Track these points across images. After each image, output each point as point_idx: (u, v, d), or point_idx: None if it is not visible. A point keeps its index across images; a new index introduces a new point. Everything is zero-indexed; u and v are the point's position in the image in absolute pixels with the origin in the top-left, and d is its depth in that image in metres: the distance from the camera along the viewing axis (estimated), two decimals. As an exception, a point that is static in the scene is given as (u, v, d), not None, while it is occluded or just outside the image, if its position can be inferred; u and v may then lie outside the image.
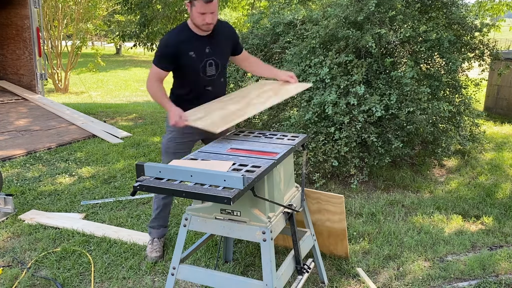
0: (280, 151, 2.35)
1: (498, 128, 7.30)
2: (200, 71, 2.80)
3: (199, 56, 2.76)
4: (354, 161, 4.31)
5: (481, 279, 2.86)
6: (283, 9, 5.85)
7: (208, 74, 2.83)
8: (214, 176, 1.93)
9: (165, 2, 8.50)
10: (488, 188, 4.47)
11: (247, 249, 3.21)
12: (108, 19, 17.90)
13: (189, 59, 2.75)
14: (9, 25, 8.47)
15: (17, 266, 3.04)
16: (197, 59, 2.76)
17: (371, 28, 4.27)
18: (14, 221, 3.71)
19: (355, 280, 2.88)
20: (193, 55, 2.74)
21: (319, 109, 4.30)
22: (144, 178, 2.07)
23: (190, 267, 2.39)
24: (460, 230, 3.58)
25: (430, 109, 4.37)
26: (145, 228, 3.60)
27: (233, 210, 2.23)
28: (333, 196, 2.80)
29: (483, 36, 5.11)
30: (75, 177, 4.79)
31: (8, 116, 7.01)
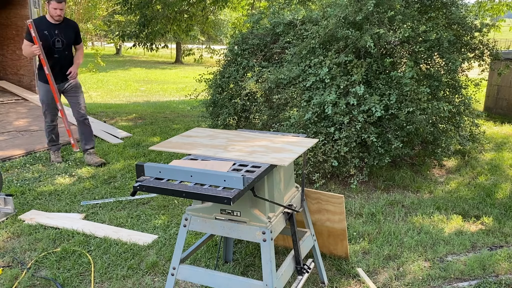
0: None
1: (498, 128, 7.31)
2: (50, 43, 4.71)
3: (50, 34, 4.71)
4: (354, 161, 4.31)
5: (481, 279, 2.86)
6: (283, 9, 5.85)
7: (56, 46, 4.76)
8: (214, 176, 1.93)
9: (165, 2, 8.50)
10: (488, 188, 4.47)
11: (247, 249, 3.21)
12: (108, 19, 17.92)
13: (44, 36, 4.67)
14: (9, 25, 8.48)
15: (17, 266, 3.04)
16: (49, 35, 4.70)
17: (370, 28, 4.27)
18: (14, 221, 3.71)
19: (355, 280, 2.88)
20: (46, 33, 4.69)
21: (319, 109, 4.30)
22: (144, 178, 2.07)
23: (190, 267, 2.39)
24: (460, 230, 3.58)
25: (430, 109, 4.37)
26: (145, 228, 3.60)
27: (233, 210, 2.23)
28: (333, 196, 2.80)
29: (483, 36, 5.11)
30: (75, 177, 4.79)
31: (8, 116, 7.01)
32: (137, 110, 9.21)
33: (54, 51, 4.74)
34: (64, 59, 4.86)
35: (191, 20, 9.76)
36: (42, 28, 4.64)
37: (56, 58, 4.78)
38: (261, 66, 5.23)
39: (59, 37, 4.74)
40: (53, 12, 4.64)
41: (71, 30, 4.89)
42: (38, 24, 4.64)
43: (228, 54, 5.72)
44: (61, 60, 4.82)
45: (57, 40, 4.73)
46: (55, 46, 4.73)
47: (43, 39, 4.61)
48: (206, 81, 6.00)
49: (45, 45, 4.63)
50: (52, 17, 4.69)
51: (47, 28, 4.68)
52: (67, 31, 4.83)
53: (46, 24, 4.70)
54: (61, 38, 4.76)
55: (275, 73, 4.66)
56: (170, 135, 6.62)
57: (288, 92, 4.62)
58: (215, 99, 5.67)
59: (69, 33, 4.86)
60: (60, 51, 4.79)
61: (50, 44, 4.69)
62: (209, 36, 25.64)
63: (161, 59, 31.09)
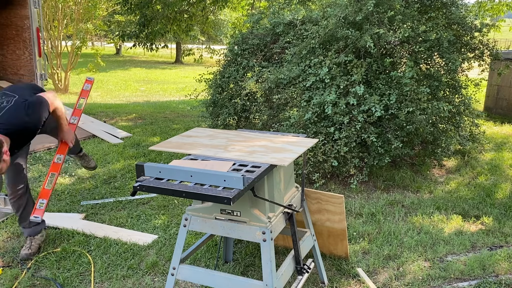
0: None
1: (498, 128, 7.31)
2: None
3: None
4: (354, 161, 4.31)
5: (481, 279, 2.86)
6: (283, 9, 5.86)
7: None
8: (214, 176, 1.93)
9: (165, 2, 8.50)
10: (488, 188, 4.47)
11: (247, 249, 3.21)
12: (108, 19, 17.92)
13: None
14: (9, 25, 8.47)
15: (17, 266, 3.04)
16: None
17: (370, 28, 4.27)
18: (14, 221, 3.71)
19: (355, 280, 2.88)
20: None
21: (319, 109, 4.30)
22: (144, 178, 2.07)
23: (190, 267, 2.39)
24: (460, 230, 3.58)
25: (430, 109, 4.37)
26: (145, 228, 3.60)
27: (233, 210, 2.23)
28: (333, 196, 2.80)
29: (483, 36, 5.11)
30: (75, 177, 4.79)
31: (8, 116, 6.99)
32: (137, 110, 9.21)
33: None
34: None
35: (191, 20, 9.76)
36: None
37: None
38: (261, 66, 5.23)
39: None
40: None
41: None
42: None
43: (228, 54, 5.72)
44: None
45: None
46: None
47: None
48: (206, 81, 6.00)
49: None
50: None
51: None
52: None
53: None
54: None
55: (275, 73, 4.66)
56: (170, 135, 6.62)
57: (288, 92, 4.62)
58: (215, 99, 5.67)
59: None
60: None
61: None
62: (209, 36, 25.64)
63: (161, 59, 31.08)
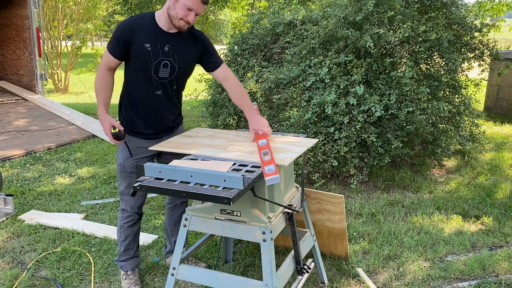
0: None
1: (498, 128, 7.31)
2: (152, 69, 2.43)
3: (155, 52, 2.40)
4: (354, 161, 4.31)
5: (481, 279, 2.86)
6: (283, 9, 5.86)
7: (159, 75, 2.46)
8: (214, 176, 1.93)
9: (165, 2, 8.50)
10: (488, 188, 4.47)
11: (247, 249, 3.21)
12: (108, 19, 17.91)
13: (142, 52, 2.38)
14: (9, 25, 8.47)
15: (17, 266, 3.04)
16: (152, 54, 2.39)
17: (370, 28, 4.27)
18: (14, 221, 3.71)
19: (355, 280, 2.87)
20: (149, 47, 2.38)
21: (319, 109, 4.30)
22: (144, 178, 2.07)
23: (190, 267, 2.38)
24: (460, 230, 3.58)
25: (430, 109, 4.37)
26: (145, 228, 3.60)
27: (233, 210, 2.23)
28: (333, 196, 2.80)
29: (483, 36, 5.11)
30: (75, 177, 4.79)
31: (8, 116, 7.01)
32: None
33: (154, 83, 2.49)
34: (168, 99, 2.58)
35: (191, 20, 9.75)
36: (144, 37, 2.39)
37: (157, 97, 2.53)
38: (261, 66, 5.23)
39: (169, 58, 2.45)
40: (181, 13, 2.34)
41: (194, 47, 2.54)
42: (138, 26, 2.41)
43: (228, 54, 5.72)
44: (163, 99, 2.56)
45: (163, 64, 2.45)
46: (158, 74, 2.46)
47: (140, 57, 2.42)
48: (206, 81, 6.00)
49: (140, 73, 2.47)
50: (172, 19, 2.38)
51: (152, 37, 2.41)
52: (186, 48, 2.51)
53: (153, 30, 2.42)
54: (172, 60, 2.46)
55: (275, 73, 4.66)
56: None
57: (288, 92, 4.62)
58: (215, 99, 5.67)
59: (189, 52, 2.53)
60: (165, 85, 2.52)
61: (151, 69, 2.44)
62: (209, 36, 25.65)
63: (161, 59, 31.05)
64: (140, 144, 2.58)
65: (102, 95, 2.53)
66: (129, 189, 2.64)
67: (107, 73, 2.51)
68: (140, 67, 2.44)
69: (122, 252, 2.79)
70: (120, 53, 2.42)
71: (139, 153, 2.59)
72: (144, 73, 2.44)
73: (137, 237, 2.82)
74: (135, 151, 2.58)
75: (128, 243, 2.77)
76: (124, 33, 2.38)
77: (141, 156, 2.59)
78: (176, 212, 2.92)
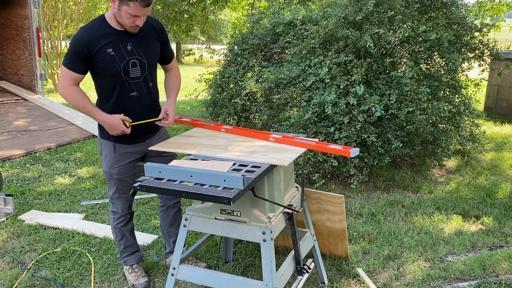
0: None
1: (498, 128, 7.30)
2: (122, 72, 2.39)
3: (119, 54, 2.36)
4: (354, 161, 4.31)
5: (481, 279, 2.86)
6: (283, 9, 5.85)
7: (131, 76, 2.42)
8: (214, 176, 1.93)
9: (165, 2, 8.51)
10: (488, 188, 4.47)
11: (247, 249, 3.21)
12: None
13: (106, 58, 2.34)
14: (9, 25, 8.47)
15: (17, 266, 3.04)
16: (117, 57, 2.36)
17: (370, 28, 4.27)
18: (14, 221, 3.71)
19: (355, 280, 2.87)
20: (112, 52, 2.34)
21: (319, 109, 4.30)
22: (144, 178, 2.07)
23: (190, 267, 2.38)
24: (460, 230, 3.58)
25: (430, 109, 4.37)
26: (145, 228, 3.60)
27: (233, 210, 2.23)
28: (333, 196, 2.79)
29: (483, 36, 5.11)
30: (74, 177, 4.79)
31: (8, 116, 7.01)
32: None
33: (128, 85, 2.46)
34: (147, 97, 2.55)
35: (191, 20, 9.77)
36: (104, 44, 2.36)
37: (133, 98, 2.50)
38: (261, 66, 5.23)
39: (136, 56, 2.44)
40: (128, 21, 2.32)
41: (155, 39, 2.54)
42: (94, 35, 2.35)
43: (228, 54, 5.72)
44: (140, 99, 2.52)
45: (132, 64, 2.43)
46: (129, 75, 2.44)
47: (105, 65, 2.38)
48: (206, 81, 6.00)
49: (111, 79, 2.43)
50: (123, 26, 2.36)
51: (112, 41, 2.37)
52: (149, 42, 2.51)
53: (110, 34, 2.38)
54: (139, 58, 2.45)
55: (275, 73, 4.66)
56: (170, 135, 6.61)
57: (288, 92, 4.61)
58: (215, 99, 5.67)
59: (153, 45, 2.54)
60: (139, 84, 2.49)
61: (121, 72, 2.41)
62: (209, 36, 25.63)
63: (161, 59, 31.04)
64: (125, 150, 2.55)
65: (87, 104, 2.42)
66: (117, 194, 2.69)
67: (75, 87, 2.41)
68: (108, 73, 2.39)
69: (123, 249, 2.84)
70: (83, 68, 2.36)
71: (123, 158, 2.56)
72: (114, 78, 2.40)
73: (133, 233, 2.87)
74: (121, 157, 2.56)
75: (126, 240, 2.83)
76: (82, 47, 2.31)
77: (126, 162, 2.57)
78: (170, 213, 2.93)
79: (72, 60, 2.35)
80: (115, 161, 2.56)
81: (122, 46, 2.37)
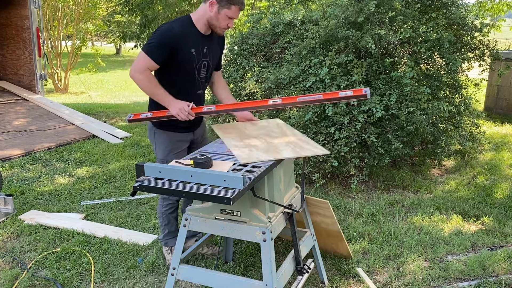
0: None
1: (498, 128, 7.31)
2: (196, 71, 2.64)
3: (198, 55, 2.59)
4: (354, 161, 4.31)
5: (481, 279, 2.86)
6: (283, 9, 5.85)
7: (200, 75, 2.69)
8: (214, 176, 1.93)
9: (166, 2, 8.51)
10: (488, 188, 4.47)
11: (247, 249, 3.21)
12: (108, 19, 17.90)
13: (188, 57, 2.55)
14: (9, 25, 8.47)
15: (17, 266, 3.04)
16: (196, 58, 2.59)
17: (371, 28, 4.27)
18: (14, 221, 3.71)
19: (355, 280, 2.87)
20: (194, 52, 2.56)
21: (319, 109, 4.30)
22: (144, 178, 2.07)
23: (190, 267, 2.38)
24: (460, 230, 3.58)
25: (430, 109, 4.37)
26: (145, 228, 3.60)
27: (233, 210, 2.23)
28: (319, 201, 2.79)
29: (483, 36, 5.11)
30: (74, 177, 4.79)
31: (8, 116, 7.01)
32: (137, 110, 9.20)
33: (196, 83, 2.71)
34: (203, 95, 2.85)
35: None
36: (190, 43, 2.56)
37: (197, 95, 2.74)
38: (261, 66, 5.23)
39: (207, 59, 2.67)
40: (223, 23, 2.55)
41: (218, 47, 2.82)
42: (184, 32, 2.54)
43: (228, 54, 5.72)
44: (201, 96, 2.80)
45: (203, 65, 2.66)
46: (199, 75, 2.68)
47: (185, 62, 2.58)
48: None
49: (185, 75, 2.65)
50: (214, 27, 2.59)
51: (196, 42, 2.59)
52: (216, 48, 2.78)
53: (195, 35, 2.59)
54: (208, 61, 2.69)
55: (275, 73, 4.66)
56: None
57: (288, 92, 4.61)
58: (215, 99, 5.66)
59: (217, 52, 2.82)
60: (203, 84, 2.78)
61: (195, 71, 2.64)
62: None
63: (161, 59, 31.04)
64: (177, 137, 2.76)
65: (159, 88, 2.56)
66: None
67: (148, 73, 2.54)
68: (185, 71, 2.60)
69: (167, 233, 3.01)
70: (163, 60, 2.51)
71: (177, 146, 2.77)
72: (188, 75, 2.63)
73: (176, 220, 3.04)
74: (175, 145, 2.77)
75: (171, 225, 3.00)
76: (170, 40, 2.47)
77: (179, 150, 2.78)
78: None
79: (155, 49, 2.48)
80: (171, 148, 2.75)
81: (201, 48, 2.60)
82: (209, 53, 2.66)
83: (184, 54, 2.52)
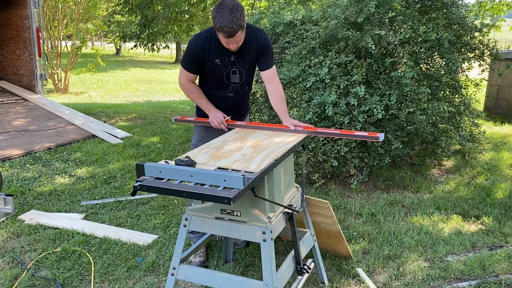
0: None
1: (498, 128, 7.31)
2: (224, 77, 2.91)
3: (224, 64, 2.86)
4: (354, 161, 4.31)
5: (481, 279, 2.86)
6: (283, 9, 5.85)
7: (231, 80, 2.94)
8: (214, 176, 1.93)
9: (166, 2, 8.50)
10: (488, 188, 4.47)
11: (247, 249, 3.21)
12: (108, 19, 17.92)
13: (214, 67, 2.84)
14: (9, 25, 8.47)
15: (17, 266, 3.04)
16: (222, 67, 2.86)
17: (371, 29, 4.27)
18: (14, 221, 3.71)
19: (355, 280, 2.87)
20: (218, 62, 2.83)
21: (319, 109, 4.30)
22: (144, 178, 2.06)
23: (190, 267, 2.38)
24: (460, 230, 3.58)
25: (430, 109, 4.37)
26: (145, 228, 3.60)
27: (233, 210, 2.23)
28: (319, 201, 2.79)
29: (483, 36, 5.11)
30: (74, 177, 4.79)
31: (8, 116, 7.01)
32: (137, 110, 9.21)
33: (227, 87, 2.97)
34: (239, 98, 3.06)
35: (192, 20, 9.77)
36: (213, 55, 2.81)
37: (228, 98, 3.01)
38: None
39: (236, 66, 2.90)
40: (224, 44, 2.73)
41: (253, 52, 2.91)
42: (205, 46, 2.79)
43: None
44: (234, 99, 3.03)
45: (233, 71, 2.92)
46: (230, 80, 2.94)
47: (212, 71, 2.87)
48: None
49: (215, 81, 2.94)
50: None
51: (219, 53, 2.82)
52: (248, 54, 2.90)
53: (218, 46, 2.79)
54: (239, 67, 2.92)
55: (275, 73, 4.65)
56: (170, 135, 6.62)
57: (288, 92, 4.61)
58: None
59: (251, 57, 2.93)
60: (237, 88, 2.99)
61: (223, 77, 2.92)
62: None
63: (161, 59, 31.09)
64: (212, 129, 2.98)
65: (202, 98, 2.95)
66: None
67: (191, 84, 2.95)
68: (213, 77, 2.90)
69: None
70: (196, 69, 2.88)
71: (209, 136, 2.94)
72: (217, 80, 2.92)
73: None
74: (208, 134, 3.02)
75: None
76: (196, 55, 2.80)
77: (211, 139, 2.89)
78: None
79: (187, 63, 2.87)
80: (203, 136, 3.05)
81: (227, 58, 2.83)
82: (237, 60, 2.86)
83: (209, 64, 2.82)
